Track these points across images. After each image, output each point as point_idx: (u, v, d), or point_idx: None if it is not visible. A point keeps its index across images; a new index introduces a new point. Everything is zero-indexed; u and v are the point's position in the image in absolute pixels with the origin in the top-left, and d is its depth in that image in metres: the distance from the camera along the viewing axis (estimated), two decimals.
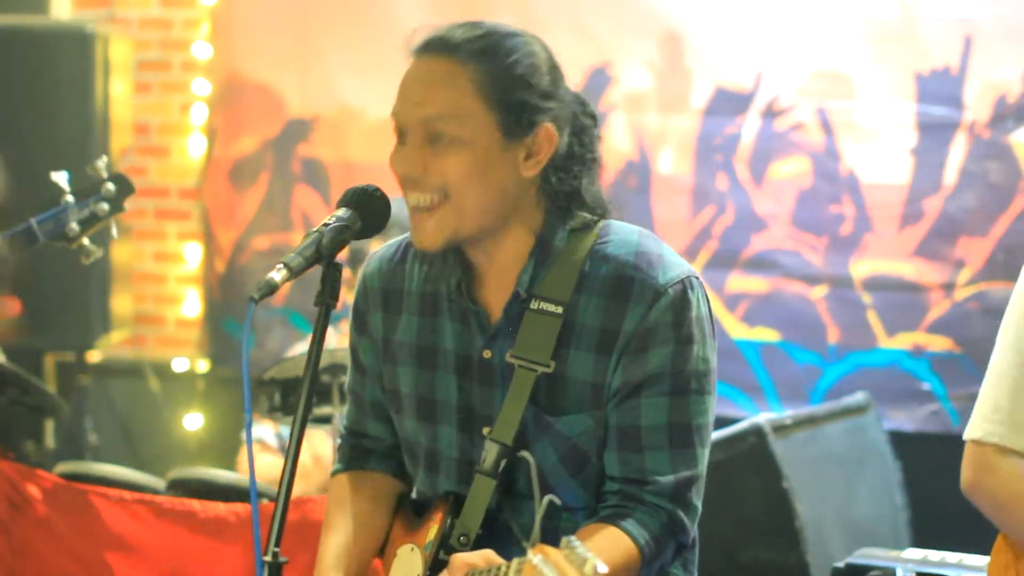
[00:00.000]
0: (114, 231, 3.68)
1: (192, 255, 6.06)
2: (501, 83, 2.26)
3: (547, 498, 1.81)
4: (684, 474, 2.29)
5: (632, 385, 2.27)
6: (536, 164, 2.29)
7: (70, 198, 3.53)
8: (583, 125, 2.36)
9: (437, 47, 2.30)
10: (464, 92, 2.25)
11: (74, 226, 3.53)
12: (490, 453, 2.31)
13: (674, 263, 2.31)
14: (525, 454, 2.09)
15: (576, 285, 2.30)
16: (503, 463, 2.30)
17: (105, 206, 3.57)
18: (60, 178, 3.55)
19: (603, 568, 1.70)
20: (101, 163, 3.60)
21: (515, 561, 1.91)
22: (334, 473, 2.57)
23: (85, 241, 3.56)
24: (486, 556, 2.17)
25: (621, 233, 2.34)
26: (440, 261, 2.38)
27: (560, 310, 2.29)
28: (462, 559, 2.19)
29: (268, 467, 4.49)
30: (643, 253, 2.30)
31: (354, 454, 2.56)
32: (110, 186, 3.57)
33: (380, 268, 2.48)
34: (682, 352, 2.27)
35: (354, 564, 2.43)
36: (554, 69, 2.33)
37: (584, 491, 2.33)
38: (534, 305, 2.30)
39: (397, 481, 2.54)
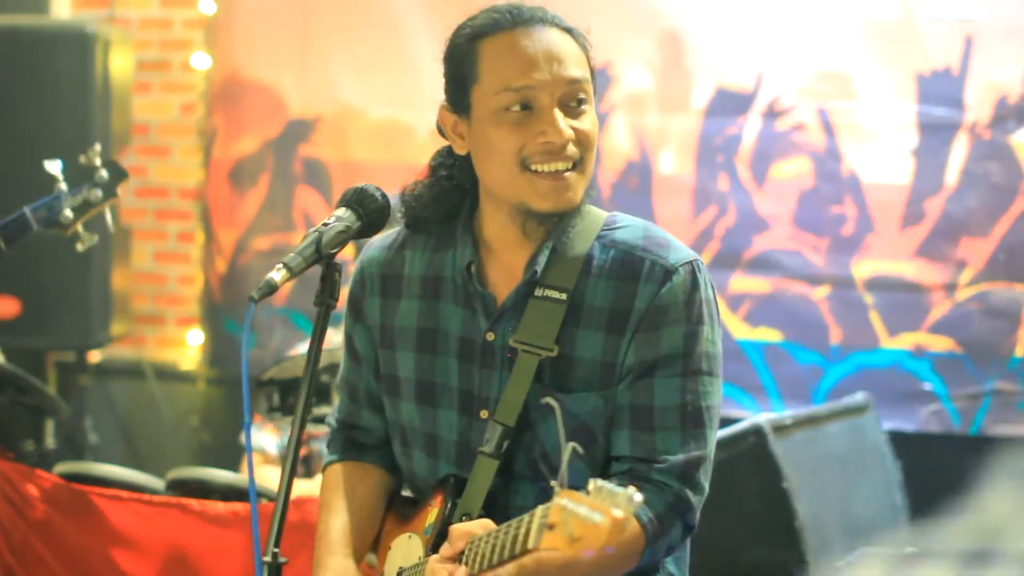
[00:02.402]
0: (108, 219, 3.68)
1: (192, 255, 6.06)
2: (590, 60, 2.38)
3: (570, 445, 1.83)
4: (694, 454, 2.30)
5: (645, 365, 2.30)
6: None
7: (63, 185, 3.54)
8: None
9: (550, 22, 2.37)
10: (585, 60, 2.36)
11: (68, 213, 3.54)
12: (493, 434, 2.32)
13: (681, 247, 2.37)
14: (549, 400, 2.10)
15: (582, 269, 2.33)
16: (506, 444, 2.32)
17: (98, 192, 3.57)
18: (53, 167, 3.55)
19: (638, 496, 1.71)
20: (94, 150, 3.61)
21: (539, 508, 1.91)
22: (328, 463, 2.58)
23: (79, 228, 3.57)
24: (484, 524, 2.18)
25: (628, 222, 2.40)
26: (447, 244, 2.42)
27: (564, 297, 2.32)
28: (461, 529, 2.20)
29: (271, 480, 4.47)
30: (651, 237, 2.36)
31: (348, 446, 2.57)
32: (103, 172, 3.58)
33: (378, 255, 2.51)
34: (693, 333, 2.31)
35: (356, 546, 2.45)
36: None
37: (589, 470, 2.33)
38: (538, 292, 2.33)
39: (390, 476, 2.55)
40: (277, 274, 2.12)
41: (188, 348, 6.04)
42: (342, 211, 2.25)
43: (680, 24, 5.23)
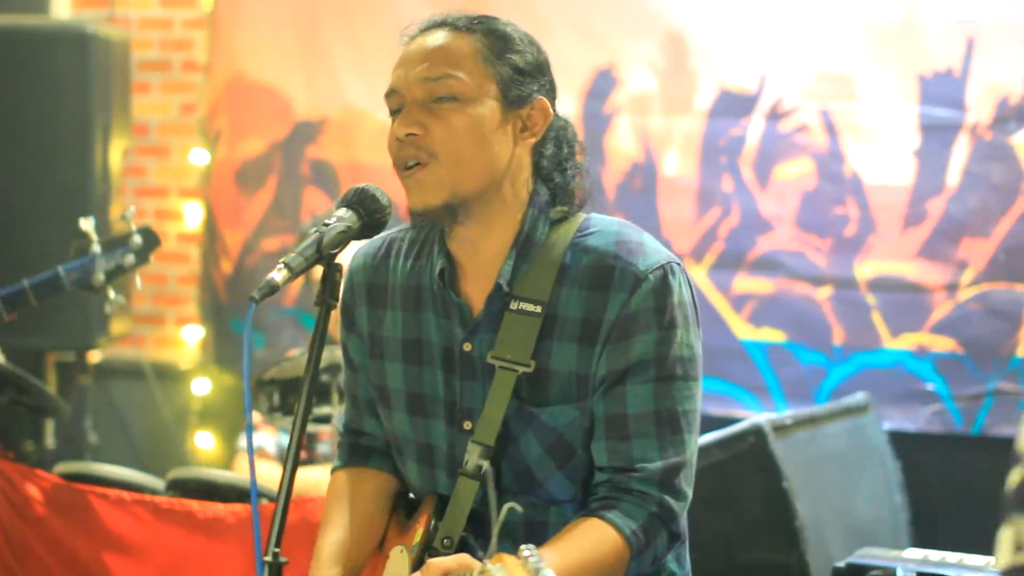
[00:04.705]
0: (138, 282, 3.78)
1: (192, 255, 6.06)
2: (500, 50, 2.30)
3: (506, 506, 1.81)
4: (672, 460, 2.27)
5: (617, 373, 2.26)
6: (532, 136, 2.33)
7: (97, 248, 3.62)
8: (564, 122, 2.39)
9: (437, 24, 2.33)
10: (467, 54, 2.29)
11: (100, 276, 3.63)
12: (473, 454, 2.30)
13: (654, 250, 2.31)
14: (485, 466, 2.07)
15: (556, 278, 2.30)
16: (485, 464, 2.29)
17: (132, 258, 3.67)
18: (88, 225, 3.63)
19: None
20: (129, 214, 3.70)
21: (476, 569, 1.91)
22: (334, 470, 2.57)
23: (109, 291, 3.66)
24: (460, 560, 2.16)
25: (601, 225, 2.35)
26: (426, 252, 2.40)
27: (539, 309, 2.28)
28: (436, 564, 2.17)
29: (266, 476, 4.47)
30: (623, 242, 2.30)
31: (354, 451, 2.56)
32: (137, 239, 3.67)
33: (365, 263, 2.49)
34: (665, 338, 2.26)
35: (351, 560, 2.41)
36: (541, 51, 2.38)
37: (571, 483, 2.32)
38: (514, 306, 2.30)
39: (396, 479, 2.53)
40: (278, 274, 2.12)
41: (188, 348, 6.04)
42: (343, 211, 2.24)
43: (683, 26, 5.23)
